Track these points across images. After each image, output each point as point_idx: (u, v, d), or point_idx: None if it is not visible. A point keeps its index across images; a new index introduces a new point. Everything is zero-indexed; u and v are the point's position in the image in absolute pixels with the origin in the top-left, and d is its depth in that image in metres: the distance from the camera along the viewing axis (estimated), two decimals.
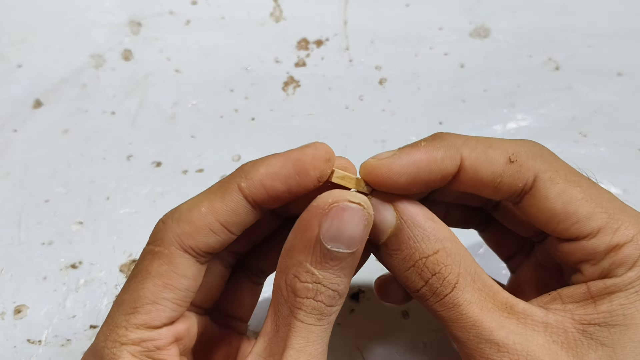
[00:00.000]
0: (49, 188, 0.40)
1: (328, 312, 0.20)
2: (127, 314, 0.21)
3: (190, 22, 0.47)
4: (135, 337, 0.21)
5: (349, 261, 0.20)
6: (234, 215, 0.21)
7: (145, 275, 0.21)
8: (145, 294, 0.21)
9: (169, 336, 0.22)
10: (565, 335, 0.20)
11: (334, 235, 0.20)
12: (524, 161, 0.21)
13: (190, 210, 0.22)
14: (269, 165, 0.21)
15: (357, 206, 0.20)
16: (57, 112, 0.43)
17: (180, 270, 0.21)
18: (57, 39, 0.46)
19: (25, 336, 0.34)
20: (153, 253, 0.22)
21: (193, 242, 0.21)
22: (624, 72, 0.44)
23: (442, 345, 0.34)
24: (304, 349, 0.20)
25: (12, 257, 0.37)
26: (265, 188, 0.21)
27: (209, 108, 0.44)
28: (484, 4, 0.48)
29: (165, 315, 0.21)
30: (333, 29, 0.47)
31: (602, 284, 0.21)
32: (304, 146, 0.21)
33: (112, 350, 0.21)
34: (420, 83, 0.45)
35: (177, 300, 0.22)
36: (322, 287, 0.20)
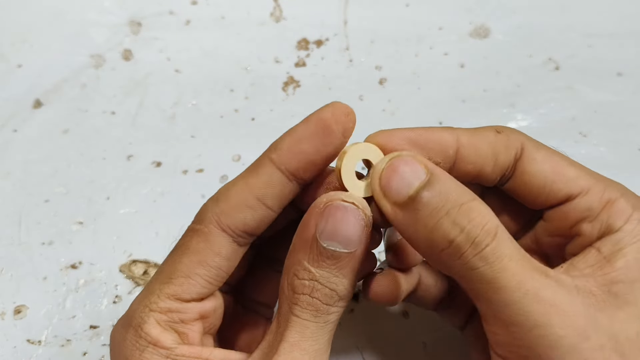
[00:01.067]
0: (49, 188, 0.40)
1: (325, 310, 0.21)
2: (162, 284, 0.22)
3: (190, 22, 0.47)
4: (164, 306, 0.22)
5: (347, 261, 0.20)
6: (268, 187, 0.22)
7: (184, 250, 0.22)
8: (181, 268, 0.22)
9: (195, 312, 0.22)
10: (595, 297, 0.20)
11: (329, 234, 0.20)
12: (509, 132, 0.24)
13: (228, 189, 0.23)
14: (293, 132, 0.22)
15: (350, 205, 0.20)
16: (57, 112, 0.43)
17: (216, 249, 0.22)
18: (57, 39, 0.46)
19: (25, 336, 0.34)
20: (194, 231, 0.23)
21: (230, 220, 0.22)
22: (624, 72, 0.44)
23: (442, 345, 0.34)
24: (298, 343, 0.20)
25: (12, 257, 0.37)
26: (293, 153, 0.22)
27: (209, 108, 0.44)
28: (484, 4, 0.48)
29: (195, 291, 0.22)
30: (333, 29, 0.47)
31: (610, 242, 0.21)
32: (322, 107, 0.23)
33: (141, 314, 0.22)
34: (421, 83, 0.45)
35: (208, 277, 0.22)
36: (319, 285, 0.20)
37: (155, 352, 0.21)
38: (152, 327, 0.22)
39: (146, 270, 0.37)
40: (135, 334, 0.22)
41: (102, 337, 0.34)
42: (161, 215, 0.39)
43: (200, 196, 0.39)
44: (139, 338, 0.22)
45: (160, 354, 0.21)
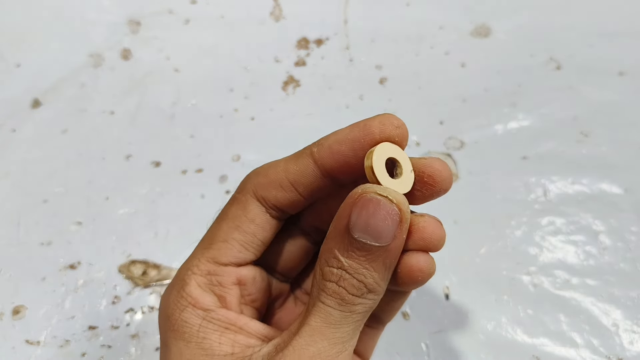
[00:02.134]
0: (47, 188, 0.40)
1: (350, 300, 0.21)
2: (203, 248, 0.24)
3: (189, 21, 0.47)
4: (204, 269, 0.23)
5: (377, 255, 0.20)
6: (302, 176, 0.23)
7: (224, 217, 0.24)
8: (219, 233, 0.24)
9: (232, 275, 0.24)
10: None
11: (361, 226, 0.20)
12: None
13: (269, 167, 0.24)
14: (339, 132, 0.23)
15: (384, 199, 0.20)
16: (55, 112, 0.43)
17: (250, 215, 0.24)
18: (55, 38, 0.46)
19: (24, 337, 0.34)
20: (234, 199, 0.24)
21: (265, 192, 0.23)
22: (625, 72, 0.44)
23: (444, 347, 0.34)
24: (320, 328, 0.21)
25: (10, 257, 0.37)
26: (331, 151, 0.22)
27: (209, 108, 0.43)
28: (485, 3, 0.47)
29: (231, 254, 0.24)
30: (333, 28, 0.47)
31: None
32: (374, 116, 0.23)
33: (184, 276, 0.23)
34: (421, 82, 0.44)
35: (244, 242, 0.24)
36: (346, 274, 0.20)
37: (194, 312, 0.23)
38: (194, 288, 0.23)
39: (145, 270, 0.37)
40: (178, 295, 0.23)
41: (101, 338, 0.34)
42: (160, 216, 0.38)
43: (199, 196, 0.39)
44: (180, 298, 0.23)
45: (197, 314, 0.23)
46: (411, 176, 0.22)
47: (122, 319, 0.35)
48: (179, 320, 0.23)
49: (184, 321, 0.23)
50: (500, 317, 0.35)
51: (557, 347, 0.34)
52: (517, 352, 0.34)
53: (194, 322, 0.23)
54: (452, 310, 0.35)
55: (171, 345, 0.23)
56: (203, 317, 0.23)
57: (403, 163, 0.22)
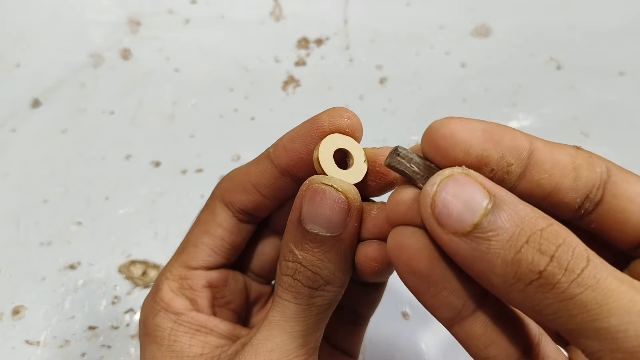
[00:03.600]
0: (47, 188, 0.40)
1: (306, 292, 0.21)
2: (177, 254, 0.25)
3: (189, 21, 0.47)
4: (177, 273, 0.24)
5: (330, 245, 0.20)
6: (262, 178, 0.23)
7: (196, 223, 0.25)
8: (191, 238, 0.24)
9: (202, 279, 0.24)
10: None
11: (311, 217, 0.20)
12: (590, 152, 0.20)
13: (235, 172, 0.25)
14: (291, 131, 0.23)
15: (329, 188, 0.20)
16: (55, 112, 0.43)
17: (218, 220, 0.24)
18: (55, 39, 0.46)
19: (24, 337, 0.34)
20: (205, 205, 0.25)
21: (230, 197, 0.24)
22: (625, 72, 0.44)
23: (444, 346, 0.34)
24: (278, 323, 0.21)
25: (10, 257, 0.37)
26: (286, 150, 0.23)
27: (209, 107, 0.43)
28: (485, 3, 0.47)
29: (201, 258, 0.24)
30: (333, 28, 0.47)
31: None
32: (324, 110, 0.23)
33: (158, 282, 0.24)
34: (421, 82, 0.44)
35: (212, 246, 0.24)
36: (301, 267, 0.20)
37: (166, 316, 0.23)
38: (166, 292, 0.24)
39: (145, 270, 0.37)
40: (152, 299, 0.24)
41: (101, 338, 0.34)
42: (160, 216, 0.38)
43: (199, 196, 0.39)
44: (154, 303, 0.24)
45: (169, 318, 0.23)
46: (364, 166, 0.22)
47: (122, 319, 0.35)
48: (152, 324, 0.23)
49: (156, 325, 0.23)
50: None
51: None
52: None
53: (165, 326, 0.23)
54: None
55: (145, 350, 0.23)
56: (174, 321, 0.23)
57: (355, 154, 0.22)
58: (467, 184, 0.17)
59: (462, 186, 0.17)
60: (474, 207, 0.17)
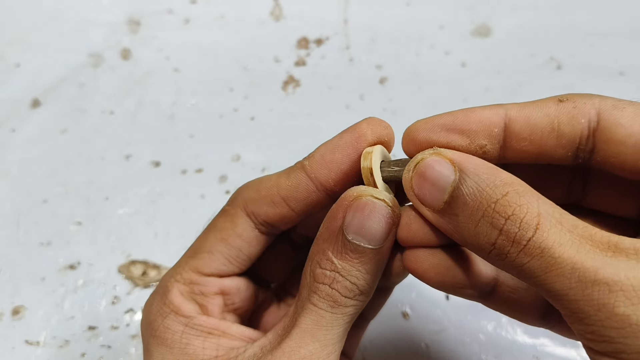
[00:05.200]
0: (47, 188, 0.40)
1: (342, 302, 0.21)
2: (188, 257, 0.24)
3: (189, 21, 0.47)
4: (187, 277, 0.23)
5: (370, 257, 0.20)
6: (295, 191, 0.23)
7: (212, 228, 0.24)
8: (205, 244, 0.24)
9: (215, 286, 0.24)
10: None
11: (356, 228, 0.20)
12: (576, 99, 0.20)
13: (261, 181, 0.23)
14: (328, 142, 0.22)
15: (380, 202, 0.20)
16: (55, 112, 0.43)
17: (238, 230, 0.23)
18: (55, 38, 0.46)
19: (24, 337, 0.34)
20: (223, 211, 0.24)
21: (255, 208, 0.23)
22: (626, 72, 0.44)
23: (444, 347, 0.34)
24: (311, 331, 0.21)
25: (10, 257, 0.37)
26: (325, 162, 0.22)
27: (208, 107, 0.43)
28: (485, 3, 0.47)
29: (214, 266, 0.23)
30: (333, 27, 0.47)
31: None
32: (359, 121, 0.22)
33: (167, 283, 0.24)
34: (421, 82, 0.44)
35: (228, 256, 0.24)
36: (340, 277, 0.20)
37: (176, 319, 0.23)
38: (175, 296, 0.23)
39: (145, 270, 0.37)
40: (160, 301, 0.23)
41: (101, 338, 0.34)
42: (160, 216, 0.38)
43: (199, 196, 0.39)
44: (163, 305, 0.23)
45: (180, 321, 0.23)
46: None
47: (122, 319, 0.35)
48: (161, 327, 0.23)
49: (166, 328, 0.23)
50: (500, 317, 0.35)
51: (557, 347, 0.34)
52: (517, 352, 0.34)
53: (176, 329, 0.23)
54: (452, 310, 0.35)
55: (153, 352, 0.23)
56: (185, 324, 0.23)
57: None
58: (436, 163, 0.19)
59: (431, 166, 0.19)
60: (442, 186, 0.19)
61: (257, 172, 0.40)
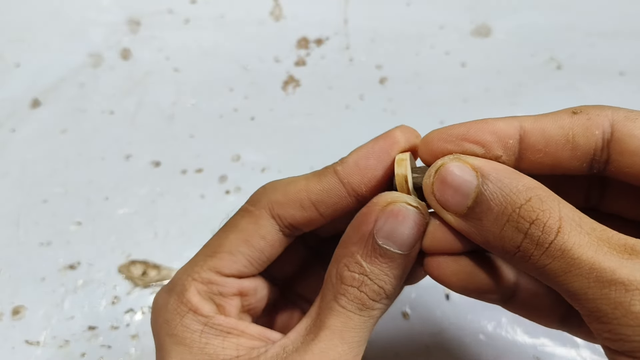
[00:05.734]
0: (47, 188, 0.40)
1: (370, 305, 0.21)
2: (206, 256, 0.23)
3: (189, 21, 0.47)
4: (205, 277, 0.23)
5: (399, 262, 0.21)
6: (326, 196, 0.23)
7: (232, 228, 0.24)
8: (226, 243, 0.23)
9: (233, 287, 0.24)
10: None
11: (387, 233, 0.20)
12: (590, 110, 0.21)
13: (289, 184, 0.23)
14: (361, 148, 0.23)
15: (413, 209, 0.20)
16: (55, 112, 0.43)
17: (262, 232, 0.23)
18: (55, 38, 0.46)
19: (24, 337, 0.34)
20: (246, 211, 0.24)
21: (282, 211, 0.23)
22: (626, 72, 0.44)
23: (444, 347, 0.34)
24: (340, 332, 0.21)
25: (10, 257, 0.37)
26: (358, 167, 0.22)
27: (208, 107, 0.43)
28: (485, 3, 0.47)
29: (235, 267, 0.23)
30: (333, 27, 0.47)
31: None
32: (391, 129, 0.23)
33: (184, 282, 0.23)
34: (421, 82, 0.44)
35: (250, 257, 0.23)
36: (368, 280, 0.21)
37: (195, 318, 0.23)
38: (193, 295, 0.23)
39: (145, 270, 0.37)
40: (178, 300, 0.23)
41: (101, 338, 0.34)
42: (160, 216, 0.38)
43: (199, 196, 0.39)
44: (180, 304, 0.23)
45: (199, 320, 0.23)
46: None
47: (122, 319, 0.35)
48: (179, 325, 0.23)
49: (185, 327, 0.22)
50: (500, 317, 0.35)
51: (557, 347, 0.34)
52: (517, 352, 0.34)
53: (195, 328, 0.22)
54: (452, 310, 0.35)
55: (171, 350, 0.22)
56: (204, 324, 0.23)
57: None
58: (457, 168, 0.20)
59: (452, 172, 0.20)
60: (465, 192, 0.19)
61: (257, 172, 0.40)
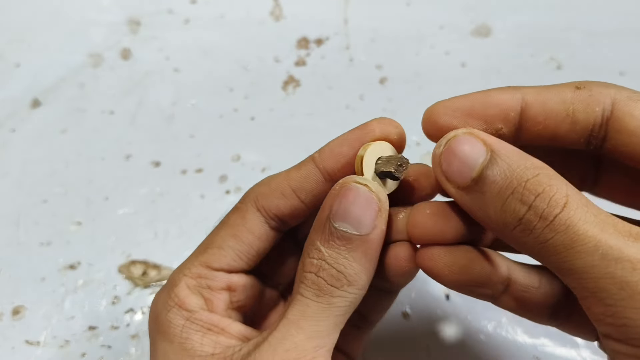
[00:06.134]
0: (47, 188, 0.40)
1: (328, 290, 0.20)
2: (198, 253, 0.24)
3: (189, 21, 0.47)
4: (195, 272, 0.24)
5: (357, 244, 0.20)
6: (305, 182, 0.23)
7: (223, 225, 0.24)
8: (216, 239, 0.24)
9: (222, 281, 0.24)
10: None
11: (341, 215, 0.20)
12: (593, 87, 0.21)
13: (271, 177, 0.24)
14: (339, 136, 0.23)
15: (362, 187, 0.20)
16: (55, 112, 0.43)
17: (249, 225, 0.24)
18: (55, 38, 0.46)
19: (24, 337, 0.34)
20: (235, 208, 0.25)
21: (265, 202, 0.24)
22: (626, 72, 0.44)
23: (444, 347, 0.34)
24: (297, 321, 0.20)
25: (10, 257, 0.37)
26: (333, 153, 0.23)
27: (208, 107, 0.43)
28: (485, 3, 0.47)
29: (224, 261, 0.24)
30: (333, 27, 0.47)
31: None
32: (373, 119, 0.23)
33: (175, 277, 0.24)
34: (421, 82, 0.44)
35: (239, 251, 0.24)
36: (326, 265, 0.20)
37: (179, 313, 0.23)
38: (182, 289, 0.23)
39: (145, 270, 0.37)
40: (167, 295, 0.24)
41: (101, 338, 0.34)
42: (160, 216, 0.38)
43: (199, 196, 0.39)
44: (168, 298, 0.23)
45: (182, 315, 0.23)
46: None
47: (122, 319, 0.35)
48: (165, 320, 0.23)
49: (169, 321, 0.23)
50: (501, 317, 0.35)
51: (557, 347, 0.34)
52: (517, 352, 0.34)
53: (178, 323, 0.23)
54: (452, 310, 0.35)
55: (157, 345, 0.23)
56: (187, 318, 0.23)
57: None
58: (468, 142, 0.20)
59: (463, 144, 0.20)
60: (472, 164, 0.19)
61: (257, 172, 0.40)
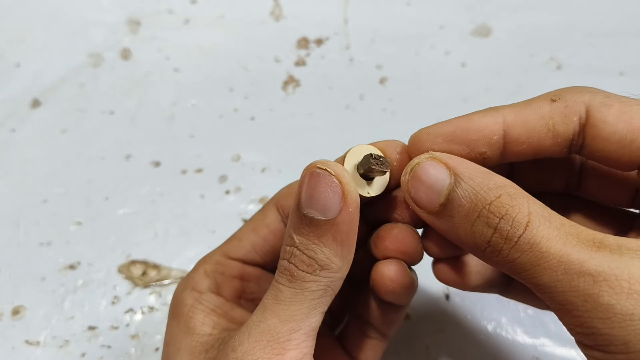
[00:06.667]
0: (47, 188, 0.40)
1: (300, 276, 0.21)
2: (223, 244, 0.27)
3: (189, 21, 0.47)
4: (214, 259, 0.26)
5: (325, 229, 0.20)
6: None
7: (248, 222, 0.27)
8: (239, 232, 0.26)
9: (236, 270, 0.26)
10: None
11: (307, 201, 0.20)
12: (568, 97, 0.21)
13: (295, 182, 0.25)
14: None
15: (323, 172, 0.20)
16: (55, 112, 0.43)
17: (267, 220, 0.26)
18: (55, 38, 0.46)
19: (24, 337, 0.34)
20: (262, 207, 0.27)
21: (284, 201, 0.26)
22: (626, 72, 0.44)
23: (444, 347, 0.34)
24: (271, 306, 0.21)
25: (10, 257, 0.37)
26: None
27: (208, 107, 0.43)
28: (485, 3, 0.47)
29: (240, 252, 0.26)
30: (333, 27, 0.47)
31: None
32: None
33: (198, 264, 0.26)
34: (421, 82, 0.44)
35: (255, 244, 0.26)
36: (297, 251, 0.21)
37: (191, 294, 0.25)
38: (198, 273, 0.26)
39: (145, 270, 0.37)
40: (187, 278, 0.26)
41: (101, 338, 0.34)
42: (160, 216, 0.38)
43: (199, 196, 0.39)
44: (187, 281, 0.26)
45: (192, 296, 0.25)
46: (385, 180, 0.23)
47: (122, 319, 0.35)
48: (178, 300, 0.25)
49: (181, 300, 0.25)
50: (501, 317, 0.35)
51: (557, 347, 0.34)
52: (517, 352, 0.34)
53: (187, 302, 0.24)
54: (452, 310, 0.35)
55: (168, 323, 0.25)
56: (195, 299, 0.25)
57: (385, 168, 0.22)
58: (432, 167, 0.20)
59: (426, 170, 0.21)
60: (438, 189, 0.20)
61: (257, 172, 0.40)
